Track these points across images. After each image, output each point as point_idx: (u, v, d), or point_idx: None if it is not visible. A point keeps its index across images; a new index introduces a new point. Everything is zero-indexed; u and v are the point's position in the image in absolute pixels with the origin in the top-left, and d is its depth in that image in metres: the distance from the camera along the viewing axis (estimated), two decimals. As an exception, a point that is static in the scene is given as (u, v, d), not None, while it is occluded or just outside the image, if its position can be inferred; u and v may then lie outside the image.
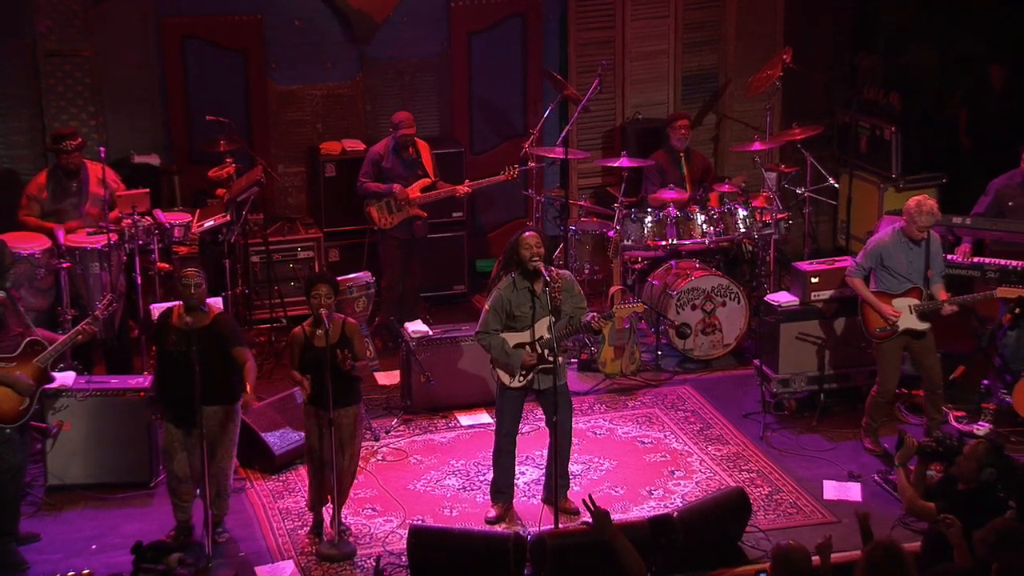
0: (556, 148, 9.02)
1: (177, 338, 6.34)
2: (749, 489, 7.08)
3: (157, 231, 8.16)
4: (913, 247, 7.29)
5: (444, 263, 9.62)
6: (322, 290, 6.48)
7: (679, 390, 8.43)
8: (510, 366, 6.65)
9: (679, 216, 8.81)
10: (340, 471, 6.52)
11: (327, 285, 6.51)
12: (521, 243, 6.55)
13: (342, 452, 6.51)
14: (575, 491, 7.13)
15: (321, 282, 6.51)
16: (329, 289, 6.51)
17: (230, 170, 8.78)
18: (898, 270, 7.30)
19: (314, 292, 6.49)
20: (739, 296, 8.74)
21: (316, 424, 6.56)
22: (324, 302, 6.48)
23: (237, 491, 7.13)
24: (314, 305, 6.51)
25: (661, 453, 7.62)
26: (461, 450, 7.66)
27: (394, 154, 8.81)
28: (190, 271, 6.42)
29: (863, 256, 7.41)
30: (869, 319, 7.37)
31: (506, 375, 6.70)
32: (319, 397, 6.49)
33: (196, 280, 6.36)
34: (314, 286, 6.50)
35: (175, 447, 6.45)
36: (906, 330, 7.30)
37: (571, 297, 6.69)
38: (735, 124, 10.29)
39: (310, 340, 6.51)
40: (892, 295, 7.32)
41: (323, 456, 6.55)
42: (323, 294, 6.48)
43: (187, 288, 6.35)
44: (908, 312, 7.29)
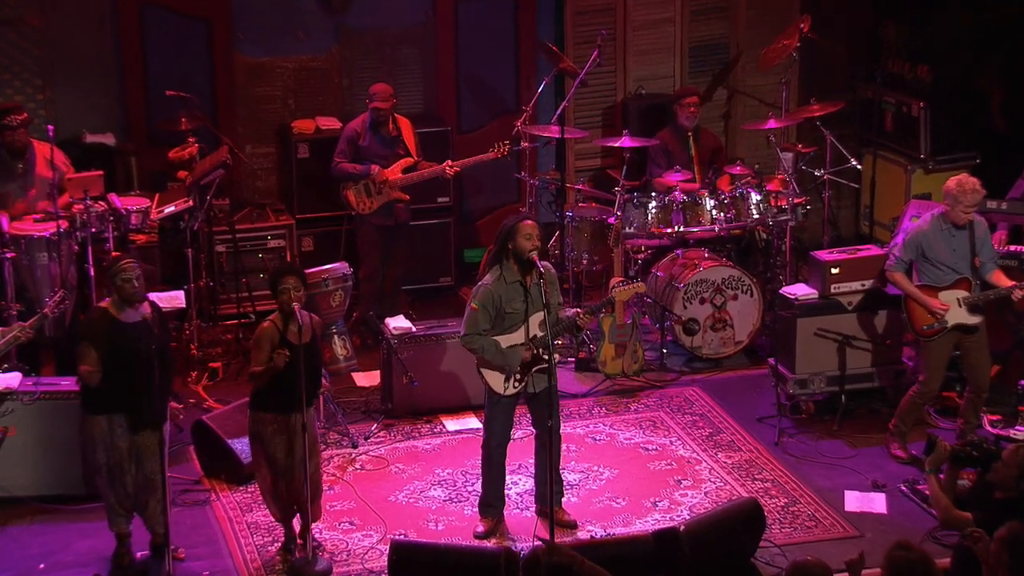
0: (551, 127, 9.01)
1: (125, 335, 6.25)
2: (763, 500, 7.07)
3: (112, 218, 8.12)
4: (956, 233, 7.25)
5: (429, 252, 9.59)
6: (291, 282, 6.44)
7: (686, 392, 8.42)
8: (507, 367, 6.61)
9: (686, 201, 8.79)
10: (313, 479, 6.48)
11: (296, 276, 6.47)
12: (520, 231, 6.53)
13: (311, 458, 6.48)
14: (572, 502, 7.13)
15: (289, 273, 6.47)
16: (298, 281, 6.47)
17: (192, 151, 8.75)
18: (941, 260, 7.27)
19: (282, 285, 6.45)
20: (752, 288, 8.73)
21: (279, 431, 6.51)
22: (294, 295, 6.43)
23: (201, 504, 7.11)
24: (283, 300, 6.45)
25: (666, 461, 7.61)
26: (447, 458, 7.64)
27: (372, 131, 8.78)
28: (128, 263, 6.31)
29: (902, 248, 7.38)
30: (915, 316, 7.35)
31: (498, 381, 6.67)
32: (287, 401, 6.44)
33: (137, 271, 6.27)
34: (282, 278, 6.46)
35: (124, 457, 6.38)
36: (956, 325, 7.27)
37: (555, 290, 6.68)
38: (748, 100, 10.27)
39: (284, 336, 6.46)
40: (938, 288, 7.30)
41: (292, 465, 6.50)
42: (292, 286, 6.43)
43: (128, 282, 6.26)
44: (957, 305, 7.26)
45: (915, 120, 9.74)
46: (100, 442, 6.35)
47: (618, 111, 10.16)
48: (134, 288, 6.24)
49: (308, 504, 6.48)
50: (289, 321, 6.42)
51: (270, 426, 6.51)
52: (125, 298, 6.25)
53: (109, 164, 8.89)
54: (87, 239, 8.00)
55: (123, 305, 6.26)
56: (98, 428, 6.34)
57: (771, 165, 9.58)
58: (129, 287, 6.23)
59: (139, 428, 6.34)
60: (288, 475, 6.53)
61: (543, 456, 6.80)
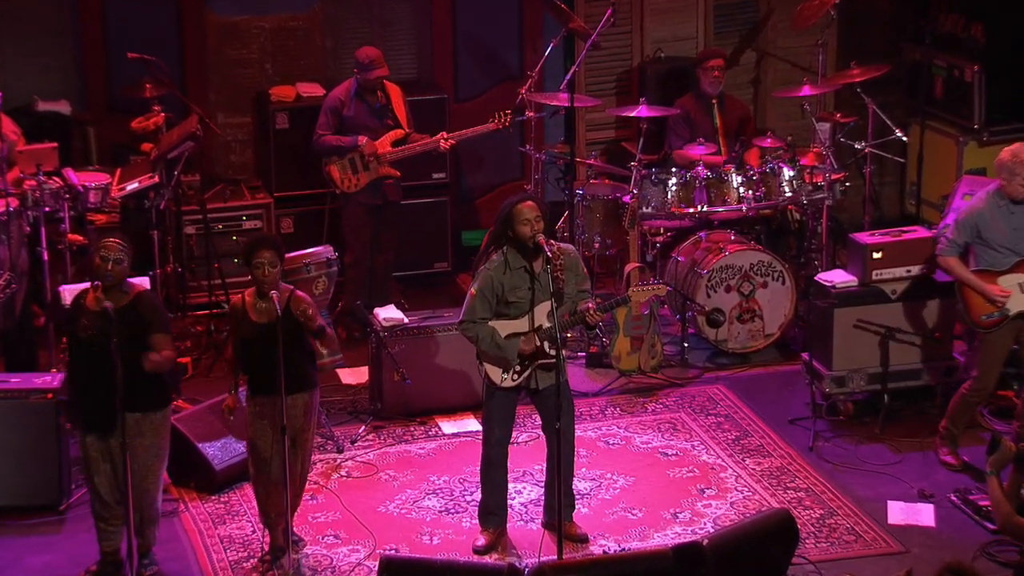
0: (559, 94, 8.99)
1: (90, 321, 6.29)
2: (796, 511, 7.08)
3: (68, 195, 8.11)
4: (1015, 210, 7.22)
5: (423, 235, 9.59)
6: (266, 256, 6.46)
7: (710, 390, 8.42)
8: (503, 359, 6.62)
9: (710, 177, 8.79)
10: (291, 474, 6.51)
11: (272, 250, 6.48)
12: (516, 216, 6.53)
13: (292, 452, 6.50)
14: (582, 513, 7.12)
15: (265, 246, 6.48)
16: (274, 255, 6.49)
17: (158, 120, 8.75)
18: (1000, 241, 7.25)
19: (256, 259, 6.46)
20: (784, 275, 8.73)
21: (259, 415, 6.57)
22: (269, 271, 6.44)
23: (168, 515, 7.11)
24: (258, 276, 6.48)
25: (688, 467, 7.61)
26: (443, 464, 7.65)
27: (358, 99, 8.77)
28: (112, 242, 6.35)
29: (955, 229, 7.35)
30: (972, 304, 7.32)
31: (497, 371, 6.68)
32: (260, 383, 6.48)
33: (117, 254, 6.29)
34: (256, 252, 6.47)
35: (96, 461, 6.40)
36: (1020, 313, 7.25)
37: (574, 277, 6.66)
38: (779, 63, 10.25)
39: (247, 313, 6.50)
40: (997, 272, 7.28)
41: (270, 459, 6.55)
42: (267, 261, 6.45)
43: (104, 263, 6.29)
44: (1019, 291, 7.24)
45: (968, 86, 9.71)
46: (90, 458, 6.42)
47: (634, 77, 10.15)
48: (105, 271, 6.27)
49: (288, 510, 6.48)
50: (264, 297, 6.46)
51: (253, 407, 6.59)
52: (93, 277, 6.30)
53: (64, 135, 8.89)
54: (40, 219, 7.98)
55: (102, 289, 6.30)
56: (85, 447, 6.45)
57: (806, 137, 9.56)
58: (102, 267, 6.27)
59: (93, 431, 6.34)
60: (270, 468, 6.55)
61: (551, 462, 6.79)
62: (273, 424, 6.51)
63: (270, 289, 6.44)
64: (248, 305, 6.56)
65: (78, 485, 7.14)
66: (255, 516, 6.95)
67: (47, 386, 7.17)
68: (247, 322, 6.54)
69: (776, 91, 9.79)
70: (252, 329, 6.52)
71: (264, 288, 6.48)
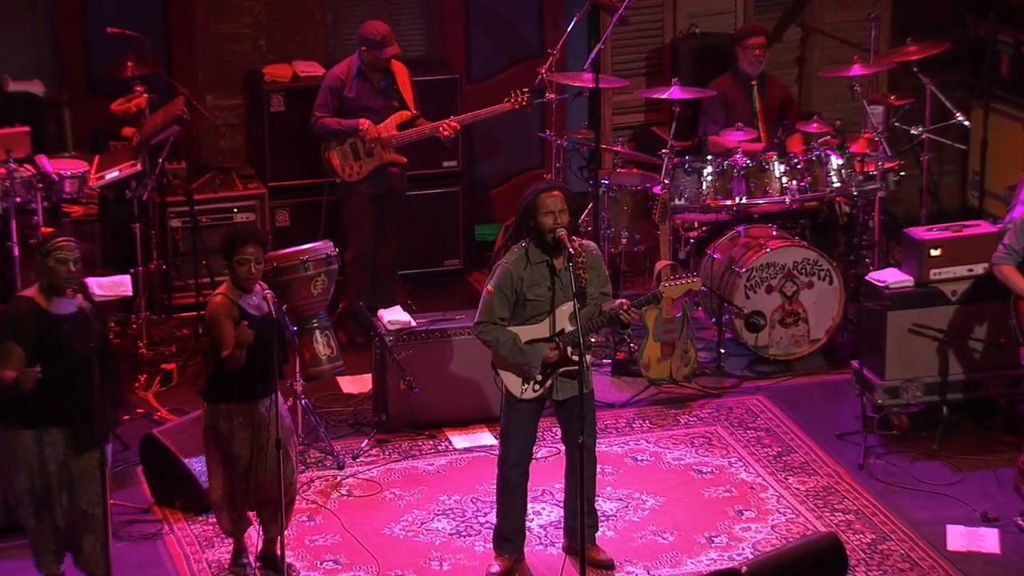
0: (583, 74, 8.99)
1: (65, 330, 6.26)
2: (844, 535, 7.06)
3: (41, 184, 8.13)
4: None
5: (432, 229, 9.60)
6: (251, 251, 6.48)
7: (748, 401, 8.41)
8: (526, 367, 6.60)
9: (750, 166, 8.78)
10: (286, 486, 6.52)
11: (257, 245, 6.49)
12: (539, 205, 6.52)
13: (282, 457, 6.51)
14: (607, 537, 7.11)
15: (250, 240, 6.49)
16: (259, 250, 6.51)
17: (141, 102, 8.75)
18: None
19: (240, 254, 6.46)
20: (831, 274, 8.71)
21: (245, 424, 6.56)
22: (255, 269, 6.46)
23: (151, 537, 7.13)
24: (242, 274, 6.50)
25: (725, 486, 7.61)
26: (454, 482, 7.65)
27: (360, 79, 8.77)
28: (66, 241, 6.28)
29: (1015, 234, 7.32)
30: None
31: (516, 381, 6.66)
32: (253, 387, 6.49)
33: (75, 253, 6.24)
34: (240, 246, 6.48)
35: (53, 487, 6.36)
36: None
37: (597, 277, 6.66)
38: (827, 40, 10.24)
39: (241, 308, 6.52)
40: None
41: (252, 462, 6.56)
42: (252, 257, 6.47)
43: (62, 264, 6.23)
44: None
45: (1038, 64, 9.69)
46: (24, 464, 6.32)
47: (666, 55, 10.14)
48: (69, 272, 6.20)
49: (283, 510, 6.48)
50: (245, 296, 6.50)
51: (235, 419, 6.56)
52: (56, 284, 6.22)
53: (37, 118, 8.90)
54: (10, 210, 8.02)
55: (53, 293, 6.24)
56: (22, 446, 6.31)
57: (856, 121, 9.55)
58: (63, 270, 6.19)
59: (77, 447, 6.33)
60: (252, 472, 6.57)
61: (573, 480, 6.78)
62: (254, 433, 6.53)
63: (252, 287, 6.45)
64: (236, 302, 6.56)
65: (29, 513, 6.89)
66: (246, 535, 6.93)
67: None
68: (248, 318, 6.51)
69: (823, 71, 9.77)
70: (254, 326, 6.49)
71: (247, 286, 6.48)
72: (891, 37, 10.06)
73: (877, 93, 9.47)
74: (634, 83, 9.89)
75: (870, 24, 9.30)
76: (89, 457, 6.30)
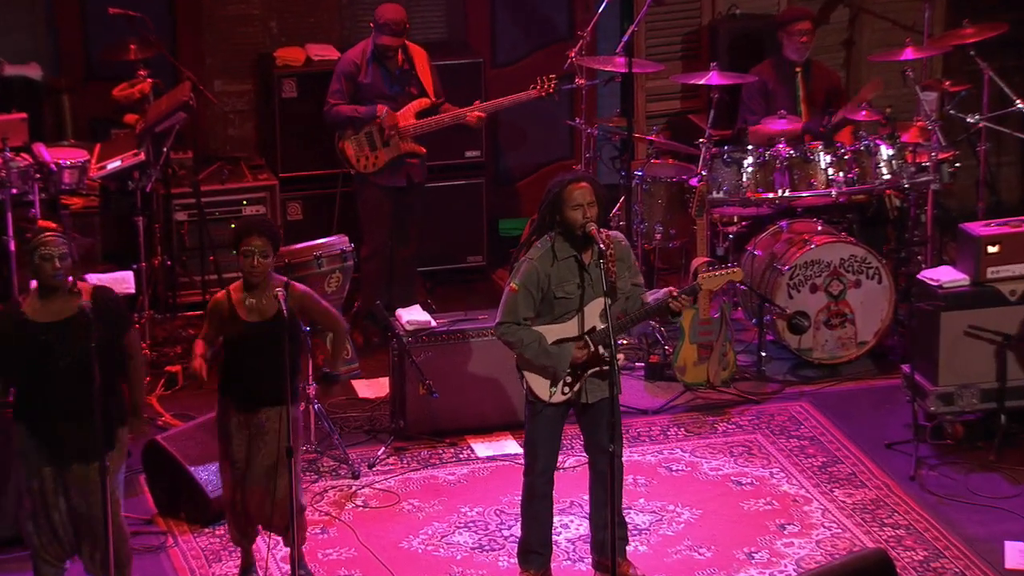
0: (615, 58, 8.99)
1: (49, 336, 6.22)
2: (894, 552, 7.06)
3: (38, 175, 8.17)
4: None
5: (453, 223, 9.62)
6: (256, 243, 6.48)
7: (791, 408, 8.40)
8: (552, 368, 6.60)
9: (794, 157, 8.77)
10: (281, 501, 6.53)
11: (263, 237, 6.51)
12: (566, 198, 6.52)
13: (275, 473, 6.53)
14: (640, 552, 7.10)
15: (255, 232, 6.50)
16: (266, 243, 6.51)
17: (144, 87, 8.79)
18: None
19: (244, 246, 6.48)
20: (880, 272, 8.70)
21: (241, 426, 6.62)
22: (259, 262, 6.46)
23: (155, 550, 7.14)
24: (245, 267, 6.52)
25: (766, 499, 7.60)
26: (476, 492, 7.66)
27: (375, 64, 8.78)
28: (52, 235, 6.27)
29: None
30: None
31: (542, 383, 6.67)
32: (246, 394, 6.55)
33: (62, 248, 6.23)
34: (245, 238, 6.50)
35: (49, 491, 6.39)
36: None
37: (627, 269, 6.65)
38: (877, 22, 10.23)
39: (235, 311, 6.52)
40: None
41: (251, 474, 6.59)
42: (257, 250, 6.47)
43: (47, 261, 6.23)
44: None
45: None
46: (24, 461, 6.38)
47: (704, 38, 10.15)
48: (55, 270, 6.18)
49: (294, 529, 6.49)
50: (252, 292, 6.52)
51: (233, 418, 6.63)
52: (44, 283, 6.23)
53: (35, 104, 8.94)
54: (5, 203, 8.05)
55: (45, 294, 6.25)
56: (20, 440, 6.37)
57: (908, 109, 9.52)
58: (48, 268, 6.17)
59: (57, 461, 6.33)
60: (244, 485, 6.61)
61: (600, 491, 6.77)
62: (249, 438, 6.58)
63: (258, 282, 6.47)
64: (236, 302, 6.58)
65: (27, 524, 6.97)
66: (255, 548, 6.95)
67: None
68: (236, 322, 6.56)
69: (873, 54, 9.76)
70: (243, 330, 6.53)
71: (252, 280, 6.50)
72: (946, 18, 10.03)
73: (931, 79, 9.44)
74: (669, 68, 9.88)
75: (924, 4, 9.28)
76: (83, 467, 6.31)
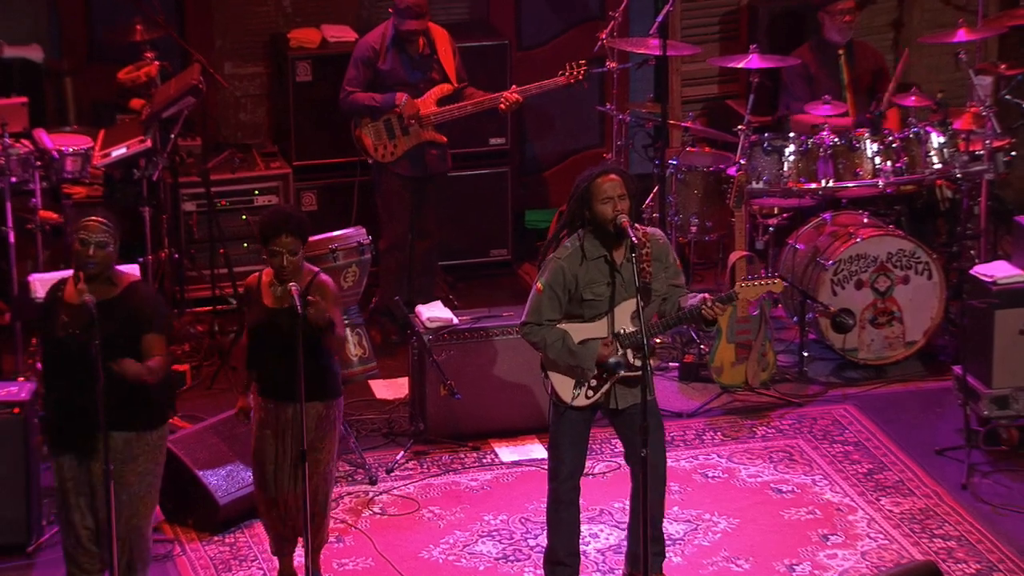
0: (649, 40, 8.99)
1: (71, 318, 6.35)
2: (945, 565, 7.04)
3: (39, 162, 8.18)
4: None
5: (476, 214, 9.63)
6: (286, 242, 6.53)
7: (835, 411, 8.40)
8: (578, 369, 6.60)
9: (838, 144, 8.75)
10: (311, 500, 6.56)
11: (293, 235, 6.55)
12: (595, 191, 6.52)
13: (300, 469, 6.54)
14: (674, 563, 7.10)
15: (285, 230, 6.53)
16: (296, 241, 6.56)
17: (151, 70, 8.82)
18: None
19: (274, 245, 6.53)
20: (931, 268, 8.68)
21: (267, 421, 6.65)
22: (288, 261, 6.50)
23: (161, 559, 7.16)
24: (275, 266, 6.57)
25: (807, 507, 7.60)
26: (500, 499, 7.67)
27: (395, 48, 8.79)
28: (94, 221, 6.41)
29: None
30: None
31: (566, 386, 6.66)
32: (271, 385, 6.56)
33: (100, 236, 6.34)
34: (274, 237, 6.52)
35: (71, 492, 6.46)
36: None
37: (664, 269, 6.63)
38: (928, 2, 10.25)
39: (260, 295, 6.61)
40: None
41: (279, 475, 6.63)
42: (287, 249, 6.51)
43: (85, 247, 6.34)
44: None
45: None
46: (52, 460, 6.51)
47: (743, 19, 10.14)
48: (87, 257, 6.31)
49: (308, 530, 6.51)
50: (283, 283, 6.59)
51: (260, 412, 6.70)
52: (76, 266, 6.37)
53: (35, 88, 8.97)
54: (5, 191, 8.06)
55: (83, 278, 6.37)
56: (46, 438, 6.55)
57: (960, 94, 9.49)
58: (83, 253, 6.31)
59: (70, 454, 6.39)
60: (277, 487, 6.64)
61: (637, 503, 6.76)
62: (276, 434, 6.61)
63: (289, 281, 6.51)
64: (264, 286, 6.66)
65: (50, 521, 7.20)
66: (267, 558, 6.98)
67: (14, 398, 7.21)
68: (258, 305, 6.63)
69: (923, 36, 9.72)
70: (264, 315, 6.60)
71: (280, 279, 6.56)
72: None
73: (985, 61, 9.40)
74: (706, 50, 9.87)
75: (978, -18, 9.26)
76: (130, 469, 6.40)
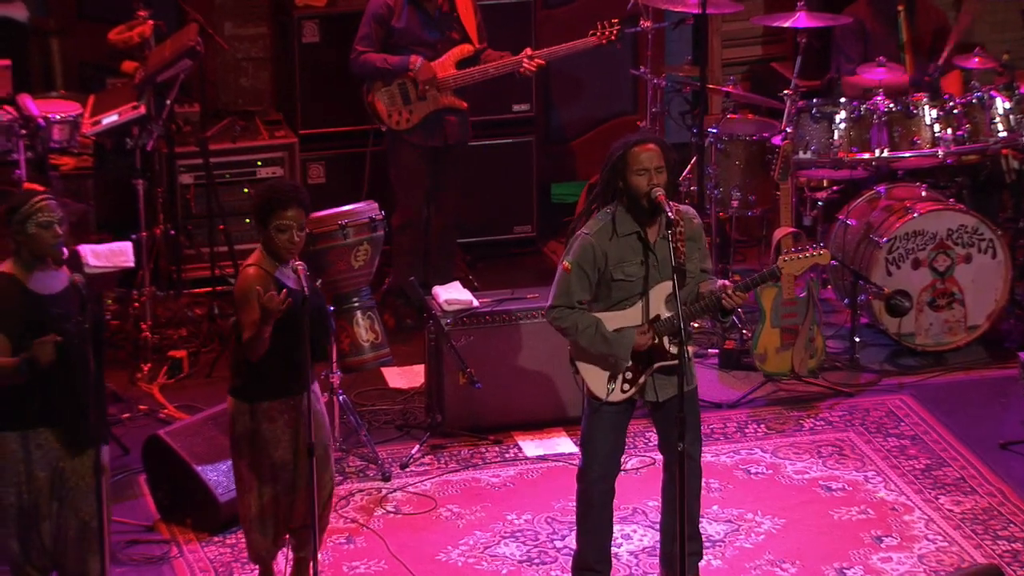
0: (687, -4, 9.00)
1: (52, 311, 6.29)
2: (1011, 568, 7.05)
3: (24, 130, 8.22)
4: None
5: (499, 188, 9.65)
6: (291, 214, 6.49)
7: (890, 402, 8.41)
8: (612, 358, 6.60)
9: (894, 111, 8.75)
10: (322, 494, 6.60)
11: (299, 207, 6.52)
12: (631, 161, 6.52)
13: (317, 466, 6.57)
14: (713, 566, 7.12)
15: (290, 202, 6.50)
16: (302, 213, 6.53)
17: (145, 31, 8.83)
18: None
19: (280, 220, 6.49)
20: (995, 246, 8.69)
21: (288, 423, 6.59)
22: (297, 237, 6.50)
23: (156, 561, 7.20)
24: (282, 243, 6.52)
25: (859, 506, 7.61)
26: (525, 497, 7.70)
27: (411, 5, 8.81)
28: (44, 200, 6.28)
29: None
30: None
31: (599, 379, 6.67)
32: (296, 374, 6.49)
33: (58, 213, 6.27)
34: (278, 209, 6.48)
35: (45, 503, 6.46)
36: None
37: (697, 250, 6.63)
38: (993, -46, 10.21)
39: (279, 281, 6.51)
40: None
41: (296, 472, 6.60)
42: (294, 223, 6.50)
43: (47, 228, 6.27)
44: None
45: None
46: (11, 473, 6.41)
47: (790, -27, 10.11)
48: (56, 237, 6.25)
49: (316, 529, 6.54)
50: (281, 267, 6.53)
51: (280, 418, 6.59)
52: (42, 254, 6.27)
53: (20, 49, 9.02)
54: (-12, 162, 8.15)
55: (35, 265, 6.29)
56: (7, 452, 6.40)
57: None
58: (49, 236, 6.22)
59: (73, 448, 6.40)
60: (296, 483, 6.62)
61: (673, 496, 6.78)
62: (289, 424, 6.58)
63: (293, 258, 6.49)
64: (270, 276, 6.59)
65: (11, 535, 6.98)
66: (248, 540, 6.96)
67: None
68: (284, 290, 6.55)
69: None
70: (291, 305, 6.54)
71: (286, 257, 6.51)
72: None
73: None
74: (749, 8, 9.86)
75: (1047, -66, 9.23)
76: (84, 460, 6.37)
